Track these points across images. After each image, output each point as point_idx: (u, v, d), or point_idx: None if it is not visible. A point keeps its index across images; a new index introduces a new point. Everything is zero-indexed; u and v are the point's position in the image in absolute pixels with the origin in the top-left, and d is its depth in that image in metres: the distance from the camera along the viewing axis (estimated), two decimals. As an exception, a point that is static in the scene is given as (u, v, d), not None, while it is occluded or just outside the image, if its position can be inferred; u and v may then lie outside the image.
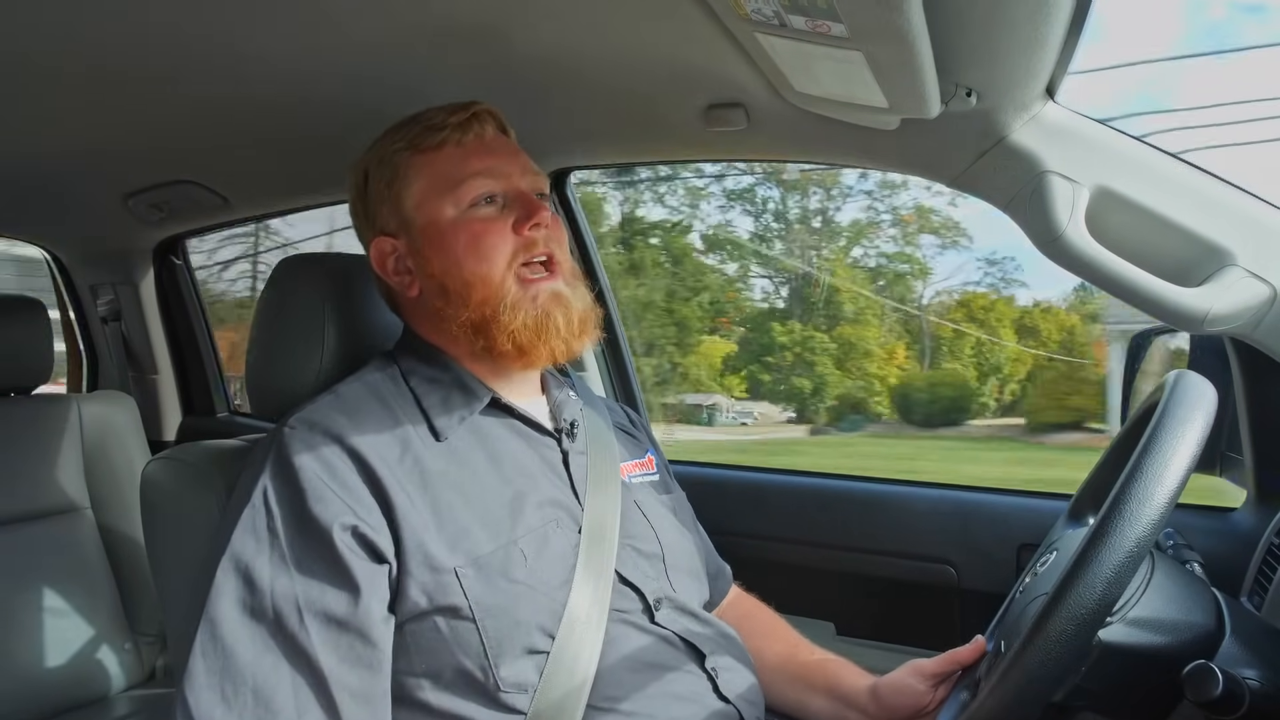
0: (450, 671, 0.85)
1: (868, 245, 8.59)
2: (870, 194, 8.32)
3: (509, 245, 0.96)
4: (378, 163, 1.01)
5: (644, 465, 1.12)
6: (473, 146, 0.99)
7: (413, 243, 0.98)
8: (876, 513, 1.53)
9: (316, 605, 0.80)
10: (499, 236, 0.96)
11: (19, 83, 1.12)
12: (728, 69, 1.04)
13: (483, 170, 0.97)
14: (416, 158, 0.98)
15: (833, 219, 8.65)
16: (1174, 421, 0.68)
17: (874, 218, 8.46)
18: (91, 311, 2.27)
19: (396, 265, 1.00)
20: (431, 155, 0.98)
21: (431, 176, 0.98)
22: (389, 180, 0.99)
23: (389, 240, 1.00)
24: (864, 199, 8.48)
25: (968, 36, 0.86)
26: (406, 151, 0.99)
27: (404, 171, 0.99)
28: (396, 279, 1.01)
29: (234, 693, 0.77)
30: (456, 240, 0.96)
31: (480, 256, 0.95)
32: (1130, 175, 1.03)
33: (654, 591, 0.97)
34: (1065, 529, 0.96)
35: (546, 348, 0.96)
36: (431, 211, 0.97)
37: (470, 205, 0.97)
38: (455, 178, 0.97)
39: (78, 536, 1.68)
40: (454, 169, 0.97)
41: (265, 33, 1.02)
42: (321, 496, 0.83)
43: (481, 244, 0.95)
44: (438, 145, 0.98)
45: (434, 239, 0.97)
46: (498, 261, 0.95)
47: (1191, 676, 0.69)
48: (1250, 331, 1.02)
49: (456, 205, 0.97)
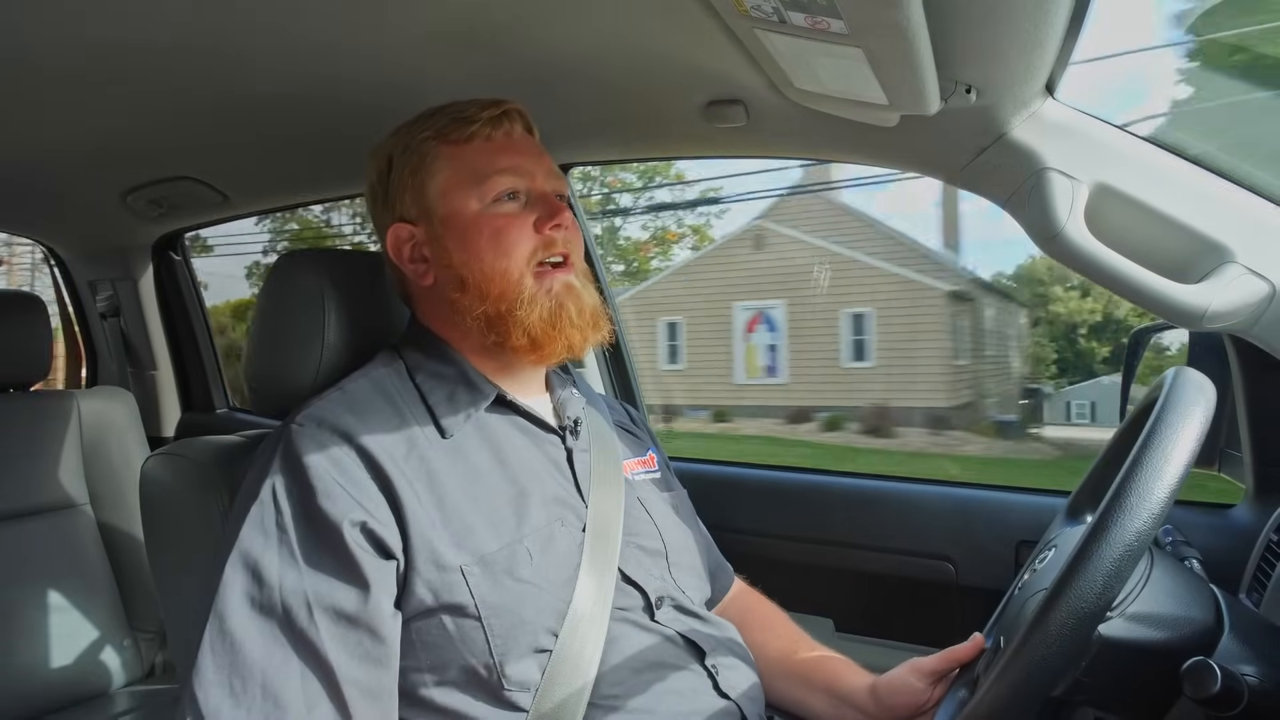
0: (455, 669, 0.85)
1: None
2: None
3: (530, 243, 0.97)
4: (403, 149, 1.01)
5: (645, 463, 1.12)
6: (501, 143, 1.00)
7: (432, 231, 0.99)
8: (875, 509, 1.53)
9: (326, 601, 0.81)
10: (520, 233, 0.97)
11: (18, 79, 1.12)
12: (728, 66, 1.04)
13: (509, 167, 0.98)
14: (444, 148, 0.99)
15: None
16: (1174, 416, 0.68)
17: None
18: (91, 307, 2.27)
19: (413, 252, 1.00)
20: (460, 147, 0.99)
21: (458, 168, 0.98)
22: (414, 168, 1.00)
23: (407, 227, 1.00)
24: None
25: (967, 33, 0.86)
26: (434, 141, 0.99)
27: (430, 160, 0.99)
28: (411, 266, 1.01)
29: (243, 688, 0.77)
30: (479, 233, 0.96)
31: (501, 251, 0.96)
32: (1130, 172, 1.03)
33: (656, 590, 0.98)
34: (1063, 526, 0.96)
35: (562, 339, 0.97)
36: (455, 202, 0.98)
37: (494, 200, 0.97)
38: (482, 172, 0.98)
39: (77, 532, 1.69)
40: (482, 163, 0.98)
41: (266, 31, 1.01)
42: (330, 493, 0.83)
43: (503, 239, 0.96)
44: (467, 138, 0.99)
45: (456, 230, 0.97)
46: (517, 257, 0.96)
47: (1190, 673, 0.69)
48: (1249, 328, 1.02)
49: (481, 199, 0.97)
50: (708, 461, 1.80)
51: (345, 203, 1.82)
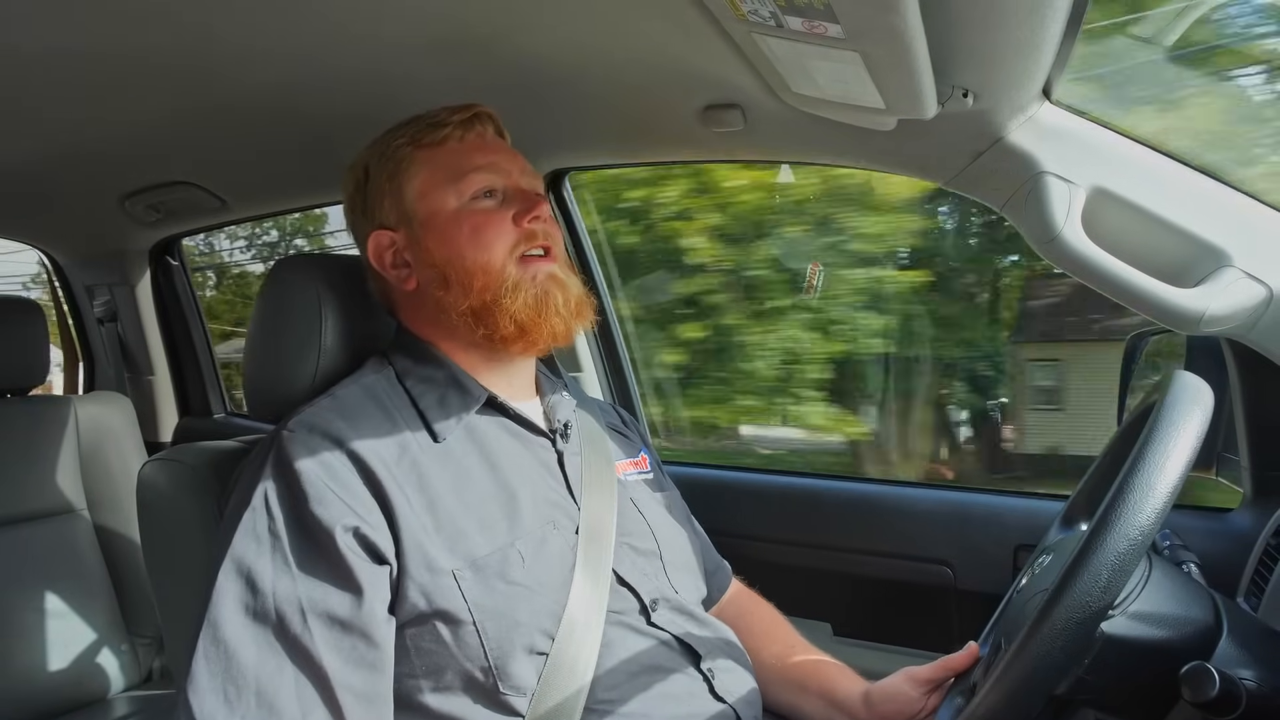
0: (451, 674, 0.85)
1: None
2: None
3: (510, 236, 0.97)
4: (379, 158, 1.02)
5: (638, 464, 1.13)
6: (474, 143, 1.01)
7: (412, 235, 0.99)
8: (873, 513, 1.53)
9: (320, 606, 0.80)
10: (500, 227, 0.97)
11: (16, 84, 1.12)
12: (724, 70, 1.04)
13: (485, 165, 0.99)
14: (419, 152, 1.00)
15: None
16: (1172, 419, 0.68)
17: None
18: (88, 312, 2.26)
19: (394, 258, 1.01)
20: (434, 150, 1.00)
21: (434, 169, 0.99)
22: (391, 174, 1.00)
23: (387, 233, 1.01)
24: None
25: (964, 37, 0.86)
26: (409, 146, 1.00)
27: (407, 165, 1.00)
28: (394, 272, 1.01)
29: (237, 695, 0.77)
30: (459, 230, 0.97)
31: (482, 245, 0.97)
32: (1126, 176, 1.04)
33: (650, 591, 0.97)
34: (1059, 534, 0.96)
35: (547, 326, 0.97)
36: (434, 202, 0.98)
37: (472, 197, 0.98)
38: (458, 170, 0.99)
39: (74, 538, 1.68)
40: (457, 162, 0.99)
41: (263, 37, 1.02)
42: (323, 499, 0.83)
43: (483, 234, 0.97)
44: (441, 140, 1.00)
45: (436, 229, 0.98)
46: (498, 250, 0.97)
47: (1188, 677, 0.69)
48: (1246, 332, 1.02)
49: (459, 196, 0.98)
50: (705, 465, 1.80)
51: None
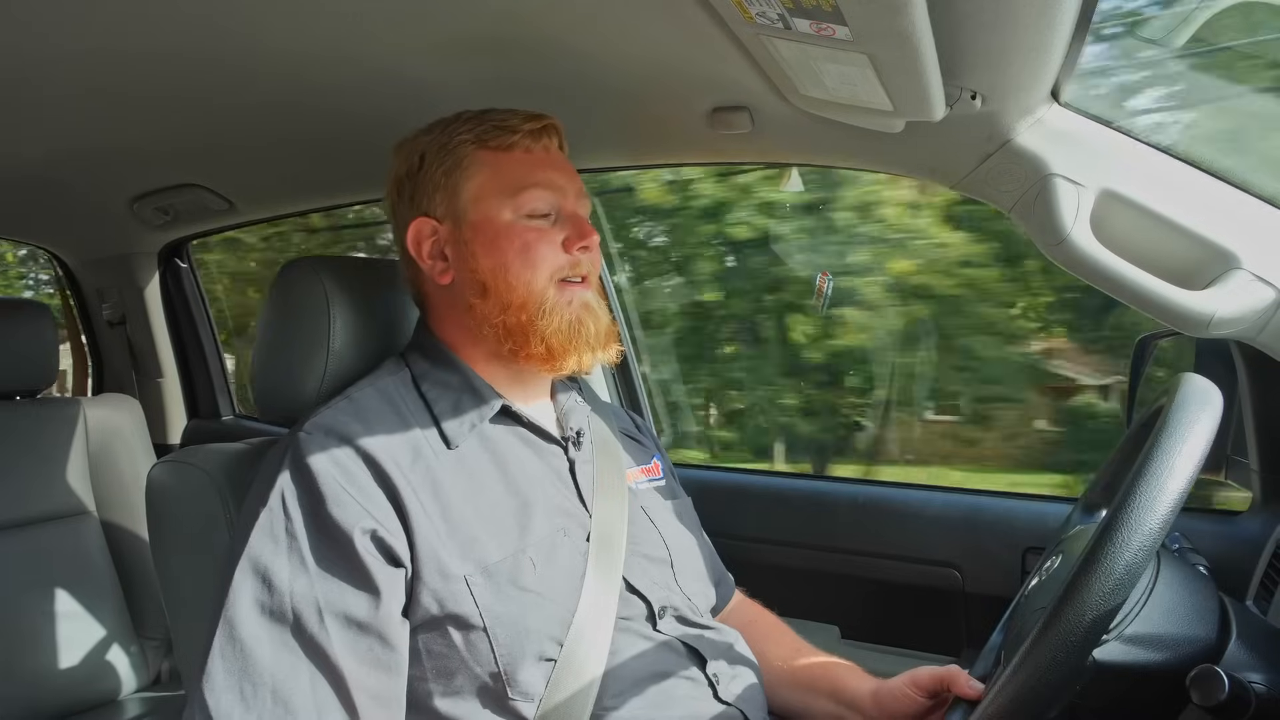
0: (461, 678, 0.85)
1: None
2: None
3: (556, 260, 0.98)
4: (438, 149, 1.00)
5: (650, 471, 1.12)
6: (540, 157, 1.01)
7: (459, 233, 0.99)
8: (881, 516, 1.53)
9: (337, 607, 0.81)
10: (549, 249, 0.98)
11: (27, 86, 1.13)
12: (732, 72, 1.04)
13: (545, 183, 0.99)
14: (482, 153, 0.99)
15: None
16: (1179, 424, 0.68)
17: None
18: (97, 315, 2.27)
19: (432, 249, 1.00)
20: (499, 155, 0.99)
21: (495, 175, 0.99)
22: (449, 168, 1.00)
23: (430, 222, 1.00)
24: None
25: (972, 39, 0.86)
26: (472, 145, 1.00)
27: (467, 164, 0.99)
28: (429, 262, 1.01)
29: (253, 693, 0.78)
30: (510, 244, 0.97)
31: (529, 263, 0.97)
32: (1135, 178, 1.03)
33: (660, 599, 0.98)
34: (1080, 522, 0.96)
35: (576, 353, 0.98)
36: (488, 209, 0.98)
37: (527, 214, 0.98)
38: (519, 183, 0.98)
39: (83, 540, 1.69)
40: (519, 175, 0.99)
41: (276, 40, 1.02)
42: (340, 501, 0.83)
43: (532, 252, 0.97)
44: (507, 147, 1.00)
45: (485, 236, 0.98)
46: (543, 271, 0.97)
47: (1197, 680, 0.69)
48: (1256, 335, 1.02)
49: (515, 210, 0.98)
50: (713, 468, 1.80)
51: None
